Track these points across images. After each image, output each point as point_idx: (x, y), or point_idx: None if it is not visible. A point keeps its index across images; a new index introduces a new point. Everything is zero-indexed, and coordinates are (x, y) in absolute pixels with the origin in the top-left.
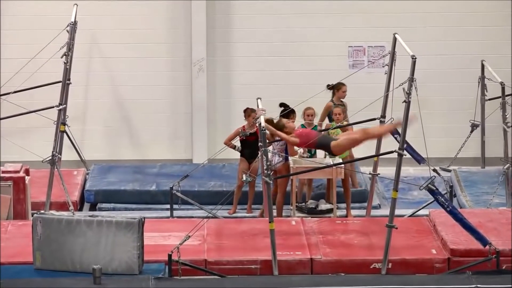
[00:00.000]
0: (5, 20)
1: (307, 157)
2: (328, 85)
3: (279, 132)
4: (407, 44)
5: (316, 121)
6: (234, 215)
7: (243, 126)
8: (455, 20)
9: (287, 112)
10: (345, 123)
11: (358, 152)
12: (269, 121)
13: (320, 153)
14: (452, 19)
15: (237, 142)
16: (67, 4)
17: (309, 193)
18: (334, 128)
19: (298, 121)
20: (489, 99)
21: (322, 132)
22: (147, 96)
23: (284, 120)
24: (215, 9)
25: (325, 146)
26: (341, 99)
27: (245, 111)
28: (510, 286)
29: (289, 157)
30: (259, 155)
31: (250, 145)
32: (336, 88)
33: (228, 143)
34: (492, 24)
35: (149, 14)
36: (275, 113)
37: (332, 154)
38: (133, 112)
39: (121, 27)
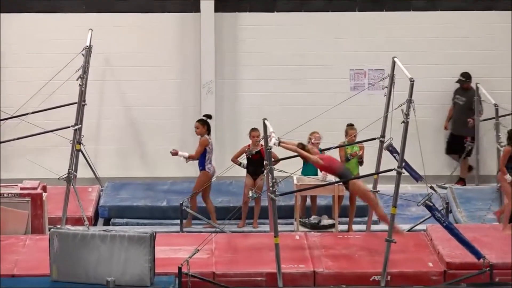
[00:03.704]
0: (23, 45)
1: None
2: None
3: (305, 154)
4: (405, 67)
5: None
6: (241, 230)
7: (249, 145)
8: (451, 45)
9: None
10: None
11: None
12: (300, 145)
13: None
14: (449, 44)
15: (243, 160)
16: (83, 29)
17: (313, 208)
18: (337, 147)
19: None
20: (484, 120)
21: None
22: (158, 117)
23: (309, 146)
24: (223, 35)
25: (346, 177)
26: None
27: (250, 131)
28: None
29: (293, 176)
30: (264, 172)
31: (254, 162)
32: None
33: (235, 160)
34: (487, 49)
35: (160, 39)
36: (280, 133)
37: (346, 188)
38: (144, 132)
39: (133, 51)
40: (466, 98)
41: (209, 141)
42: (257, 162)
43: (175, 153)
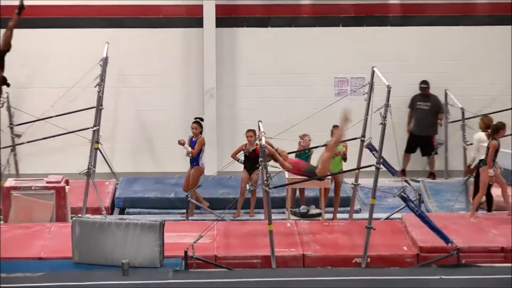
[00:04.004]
0: (48, 56)
1: None
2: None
3: (278, 157)
4: (383, 76)
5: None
6: (239, 218)
7: (245, 144)
8: (423, 56)
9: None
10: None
11: (345, 166)
12: (271, 146)
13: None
14: (421, 55)
15: (241, 156)
16: (100, 43)
17: (302, 200)
18: (324, 146)
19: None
20: (451, 122)
21: (307, 162)
22: (166, 119)
23: (280, 149)
24: (223, 47)
25: (312, 172)
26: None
27: (246, 132)
28: (468, 277)
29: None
30: (259, 168)
31: (250, 159)
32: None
33: (234, 157)
34: (454, 59)
35: (168, 51)
36: (273, 133)
37: (318, 178)
38: (154, 132)
39: (144, 61)
40: (430, 103)
41: (204, 140)
42: (253, 159)
43: (182, 143)
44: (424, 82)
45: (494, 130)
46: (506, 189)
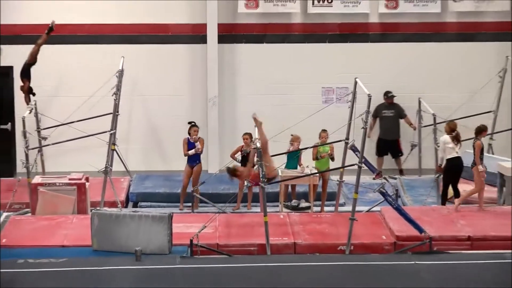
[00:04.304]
0: (72, 68)
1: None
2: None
3: (249, 169)
4: (364, 86)
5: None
6: (238, 211)
7: (242, 145)
8: (399, 68)
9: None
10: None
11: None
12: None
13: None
14: (397, 67)
15: (238, 156)
16: (116, 57)
17: (293, 194)
18: (313, 147)
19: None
20: (424, 126)
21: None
22: (174, 123)
23: (251, 157)
24: (224, 60)
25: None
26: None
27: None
28: (439, 262)
29: (278, 169)
30: (254, 167)
31: (247, 159)
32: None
33: (233, 156)
34: (427, 72)
35: (175, 64)
36: (268, 136)
37: (268, 179)
38: (164, 135)
39: (155, 73)
40: (394, 110)
41: None
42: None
43: (195, 140)
44: (389, 92)
45: (478, 131)
46: (482, 189)
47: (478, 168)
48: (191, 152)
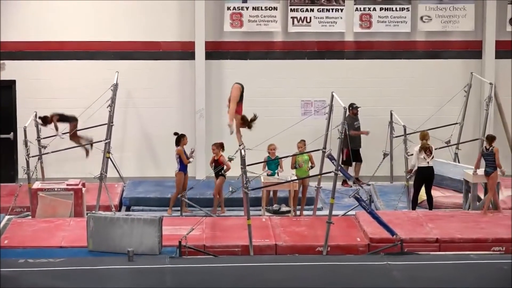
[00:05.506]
0: (69, 82)
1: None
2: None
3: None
4: (340, 99)
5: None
6: (223, 214)
7: (214, 156)
8: (373, 83)
9: (178, 137)
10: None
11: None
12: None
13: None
14: (371, 83)
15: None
16: (111, 72)
17: (275, 199)
18: (293, 156)
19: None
20: (396, 137)
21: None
22: (165, 134)
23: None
24: (211, 75)
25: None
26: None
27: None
28: (409, 263)
29: (261, 176)
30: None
31: (216, 167)
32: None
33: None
34: (398, 86)
35: (166, 78)
36: (251, 145)
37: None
38: (155, 144)
39: (146, 87)
40: (358, 121)
41: None
42: (217, 167)
43: (193, 151)
44: (353, 103)
45: (492, 139)
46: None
47: (499, 172)
48: (191, 160)
